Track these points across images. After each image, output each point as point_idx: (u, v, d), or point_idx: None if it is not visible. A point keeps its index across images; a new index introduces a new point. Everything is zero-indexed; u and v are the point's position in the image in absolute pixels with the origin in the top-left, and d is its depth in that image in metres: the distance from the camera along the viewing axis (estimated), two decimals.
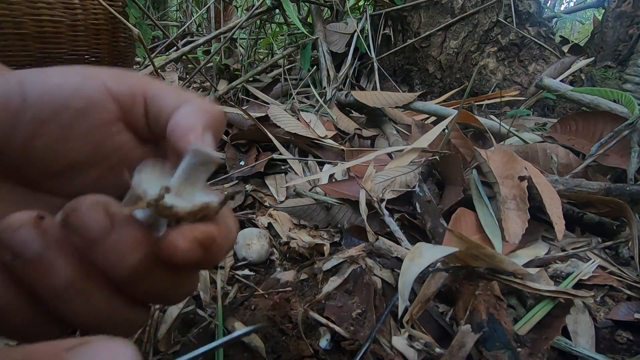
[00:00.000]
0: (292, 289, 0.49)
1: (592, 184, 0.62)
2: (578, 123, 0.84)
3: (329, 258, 0.52)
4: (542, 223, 0.60)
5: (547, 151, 0.75)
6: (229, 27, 1.23)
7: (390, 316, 0.44)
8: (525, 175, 0.60)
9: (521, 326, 0.43)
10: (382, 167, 0.72)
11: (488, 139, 0.85)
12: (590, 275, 0.50)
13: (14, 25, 0.72)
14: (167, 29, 2.37)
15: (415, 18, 1.38)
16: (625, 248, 0.56)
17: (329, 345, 0.41)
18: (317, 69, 1.34)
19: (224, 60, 1.46)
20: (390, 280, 0.50)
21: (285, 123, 0.89)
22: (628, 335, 0.43)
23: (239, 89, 1.29)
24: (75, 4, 0.79)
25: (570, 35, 3.11)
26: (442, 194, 0.69)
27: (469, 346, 0.37)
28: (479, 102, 1.19)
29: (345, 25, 1.42)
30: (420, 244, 0.46)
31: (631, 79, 1.03)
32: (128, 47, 1.00)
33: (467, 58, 1.32)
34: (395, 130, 0.98)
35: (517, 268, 0.45)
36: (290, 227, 0.62)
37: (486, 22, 1.28)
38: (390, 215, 0.59)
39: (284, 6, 1.22)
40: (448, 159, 0.69)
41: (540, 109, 1.19)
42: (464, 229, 0.57)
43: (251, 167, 0.79)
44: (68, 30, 0.80)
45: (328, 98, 1.14)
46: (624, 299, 0.48)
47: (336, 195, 0.65)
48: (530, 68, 1.26)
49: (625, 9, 1.26)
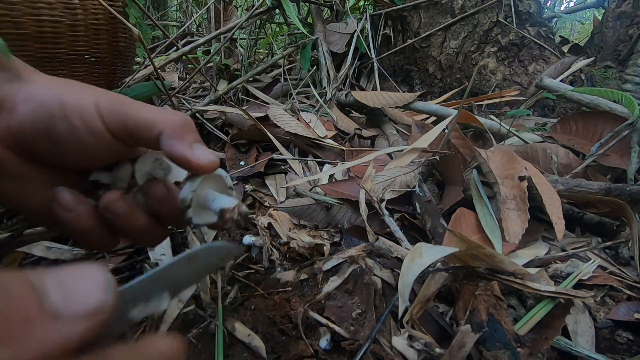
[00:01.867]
0: (292, 289, 0.49)
1: (592, 184, 0.62)
2: (578, 123, 0.84)
3: (329, 258, 0.52)
4: (542, 223, 0.60)
5: (547, 151, 0.75)
6: (229, 27, 1.23)
7: (390, 316, 0.44)
8: (525, 175, 0.60)
9: (521, 326, 0.43)
10: (382, 167, 0.72)
11: (488, 139, 0.85)
12: (590, 275, 0.50)
13: (14, 25, 0.72)
14: (167, 29, 2.37)
15: (415, 18, 1.38)
16: (625, 248, 0.56)
17: (329, 345, 0.41)
18: (317, 69, 1.34)
19: (224, 60, 1.46)
20: (390, 280, 0.50)
21: (285, 123, 0.89)
22: (628, 335, 0.43)
23: (239, 89, 1.29)
24: (75, 4, 0.79)
25: (570, 35, 3.11)
26: (442, 194, 0.69)
27: (469, 346, 0.37)
28: (479, 102, 1.19)
29: (345, 25, 1.42)
30: (420, 244, 0.46)
31: (631, 79, 1.03)
32: (128, 47, 1.00)
33: (467, 58, 1.32)
34: (395, 130, 0.98)
35: (517, 268, 0.45)
36: (290, 227, 0.62)
37: (486, 22, 1.28)
38: (390, 215, 0.59)
39: (284, 6, 1.22)
40: (448, 159, 0.69)
41: (540, 109, 1.19)
42: (464, 229, 0.57)
43: (251, 167, 0.79)
44: (68, 30, 0.80)
45: (328, 98, 1.14)
46: (624, 299, 0.48)
47: (336, 195, 0.65)
48: (530, 68, 1.26)
49: (625, 9, 1.26)
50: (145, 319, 0.23)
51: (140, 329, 0.44)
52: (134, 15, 0.91)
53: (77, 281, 0.15)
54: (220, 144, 0.96)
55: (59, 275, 0.15)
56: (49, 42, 0.79)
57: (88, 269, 0.16)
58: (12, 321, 0.13)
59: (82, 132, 0.29)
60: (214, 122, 1.05)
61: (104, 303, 0.15)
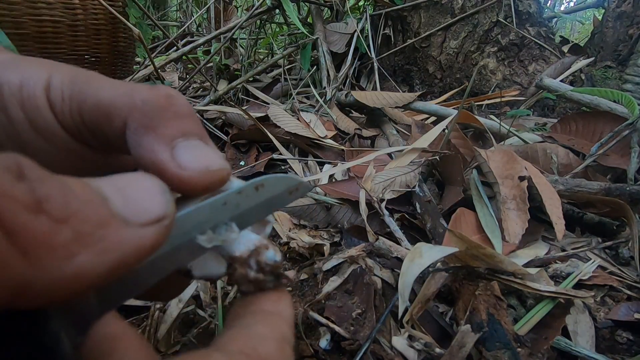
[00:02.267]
0: (292, 289, 0.49)
1: (592, 184, 0.62)
2: (578, 123, 0.84)
3: (329, 258, 0.52)
4: (542, 223, 0.60)
5: (547, 151, 0.75)
6: (229, 27, 1.23)
7: (390, 316, 0.44)
8: (525, 175, 0.60)
9: (521, 326, 0.43)
10: (382, 167, 0.72)
11: (488, 139, 0.85)
12: (590, 275, 0.50)
13: (14, 25, 0.72)
14: (167, 29, 2.37)
15: (415, 18, 1.38)
16: (625, 248, 0.56)
17: (329, 345, 0.41)
18: (317, 69, 1.34)
19: (224, 60, 1.46)
20: (390, 280, 0.50)
21: (285, 123, 0.89)
22: (628, 335, 0.43)
23: (239, 89, 1.29)
24: (75, 4, 0.79)
25: (570, 35, 3.11)
26: (442, 194, 0.69)
27: (469, 346, 0.37)
28: (479, 102, 1.19)
29: (345, 25, 1.42)
30: (420, 244, 0.46)
31: (631, 79, 1.03)
32: (128, 47, 1.00)
33: (467, 58, 1.32)
34: (395, 130, 0.98)
35: (517, 268, 0.45)
36: (290, 227, 0.62)
37: (486, 22, 1.28)
38: (390, 215, 0.59)
39: (284, 6, 1.22)
40: (448, 159, 0.69)
41: (540, 109, 1.19)
42: (464, 229, 0.57)
43: (251, 167, 0.79)
44: (68, 30, 0.80)
45: (328, 98, 1.14)
46: (624, 299, 0.48)
47: (336, 195, 0.65)
48: (530, 68, 1.26)
49: (625, 9, 1.26)
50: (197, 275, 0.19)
51: (140, 331, 0.44)
52: (134, 15, 0.91)
53: (136, 189, 0.15)
54: (220, 144, 0.96)
55: (115, 182, 0.14)
56: (49, 42, 0.79)
57: (144, 177, 0.15)
58: (89, 224, 0.12)
59: (23, 128, 0.19)
60: (214, 122, 1.05)
61: (166, 211, 0.14)
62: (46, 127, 0.19)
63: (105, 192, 0.14)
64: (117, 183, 0.14)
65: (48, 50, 0.79)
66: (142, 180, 0.15)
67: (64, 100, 0.19)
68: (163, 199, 0.15)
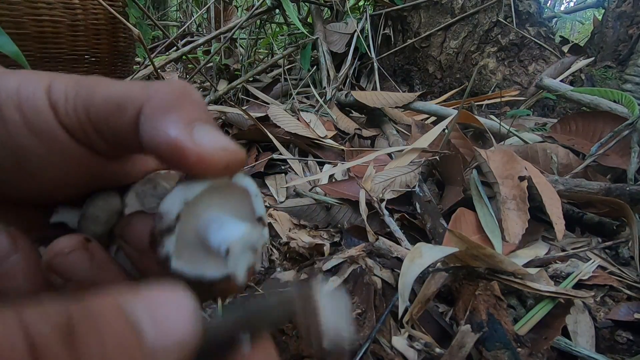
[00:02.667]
0: None
1: (592, 184, 0.62)
2: (578, 123, 0.84)
3: (329, 258, 0.52)
4: (542, 223, 0.60)
5: (547, 151, 0.75)
6: (229, 27, 1.23)
7: (390, 316, 0.44)
8: (525, 175, 0.60)
9: (521, 326, 0.43)
10: (382, 167, 0.72)
11: (488, 139, 0.85)
12: (590, 275, 0.50)
13: (14, 25, 0.72)
14: (167, 29, 2.37)
15: (415, 18, 1.38)
16: (625, 248, 0.56)
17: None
18: (317, 69, 1.34)
19: (224, 60, 1.46)
20: (390, 280, 0.50)
21: (285, 123, 0.89)
22: (628, 335, 0.43)
23: (239, 89, 1.29)
24: (75, 4, 0.79)
25: (570, 35, 3.11)
26: (442, 194, 0.69)
27: (469, 346, 0.37)
28: (479, 102, 1.19)
29: (345, 25, 1.42)
30: (420, 244, 0.46)
31: (631, 79, 1.03)
32: (128, 47, 1.00)
33: (467, 58, 1.32)
34: (395, 130, 0.98)
35: (517, 268, 0.45)
36: (290, 227, 0.62)
37: (486, 22, 1.28)
38: (390, 215, 0.59)
39: (284, 6, 1.22)
40: (448, 159, 0.69)
41: (540, 109, 1.19)
42: (464, 229, 0.57)
43: (251, 167, 0.79)
44: (68, 30, 0.80)
45: (328, 98, 1.14)
46: (624, 299, 0.48)
47: (336, 195, 0.65)
48: (530, 68, 1.26)
49: (625, 9, 1.26)
50: None
51: None
52: (134, 15, 0.91)
53: (166, 307, 0.14)
54: None
55: (148, 299, 0.14)
56: (49, 42, 0.79)
57: (175, 292, 0.15)
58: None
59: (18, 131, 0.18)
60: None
61: (193, 333, 0.14)
62: (45, 129, 0.18)
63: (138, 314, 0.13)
64: (150, 301, 0.14)
65: (48, 50, 0.79)
66: (173, 296, 0.15)
67: (68, 99, 0.18)
68: (191, 319, 0.14)
